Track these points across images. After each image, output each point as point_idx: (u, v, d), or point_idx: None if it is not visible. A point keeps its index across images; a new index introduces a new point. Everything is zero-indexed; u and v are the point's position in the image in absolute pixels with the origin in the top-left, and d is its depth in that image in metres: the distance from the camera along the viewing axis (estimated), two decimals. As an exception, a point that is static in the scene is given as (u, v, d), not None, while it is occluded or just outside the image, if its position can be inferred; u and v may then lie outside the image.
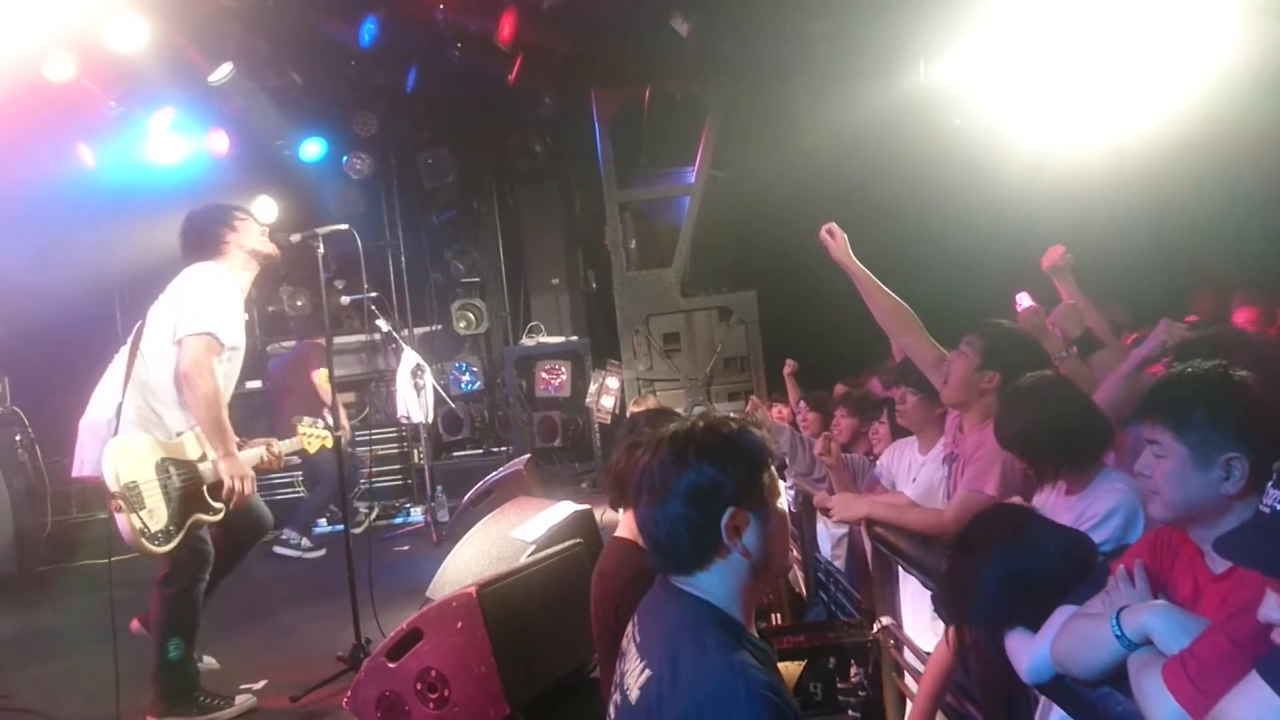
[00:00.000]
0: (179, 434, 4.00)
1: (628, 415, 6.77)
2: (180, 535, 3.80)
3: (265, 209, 8.87)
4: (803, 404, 6.42)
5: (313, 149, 8.85)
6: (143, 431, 3.88)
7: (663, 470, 1.68)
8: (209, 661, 4.29)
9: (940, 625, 3.28)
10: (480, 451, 9.04)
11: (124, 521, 3.64)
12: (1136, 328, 4.26)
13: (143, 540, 3.68)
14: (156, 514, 3.74)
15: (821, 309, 8.07)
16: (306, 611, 5.61)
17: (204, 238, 4.32)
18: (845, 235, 4.02)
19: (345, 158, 8.92)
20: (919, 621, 3.75)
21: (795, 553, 5.46)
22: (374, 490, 8.73)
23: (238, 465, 3.93)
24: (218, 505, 3.97)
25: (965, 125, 6.76)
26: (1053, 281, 4.15)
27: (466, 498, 6.65)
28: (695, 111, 8.29)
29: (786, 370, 7.07)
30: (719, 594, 1.69)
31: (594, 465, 8.69)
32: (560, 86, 8.74)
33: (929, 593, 3.40)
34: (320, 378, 7.12)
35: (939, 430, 3.91)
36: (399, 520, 8.13)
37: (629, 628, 1.85)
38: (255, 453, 4.18)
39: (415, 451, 8.88)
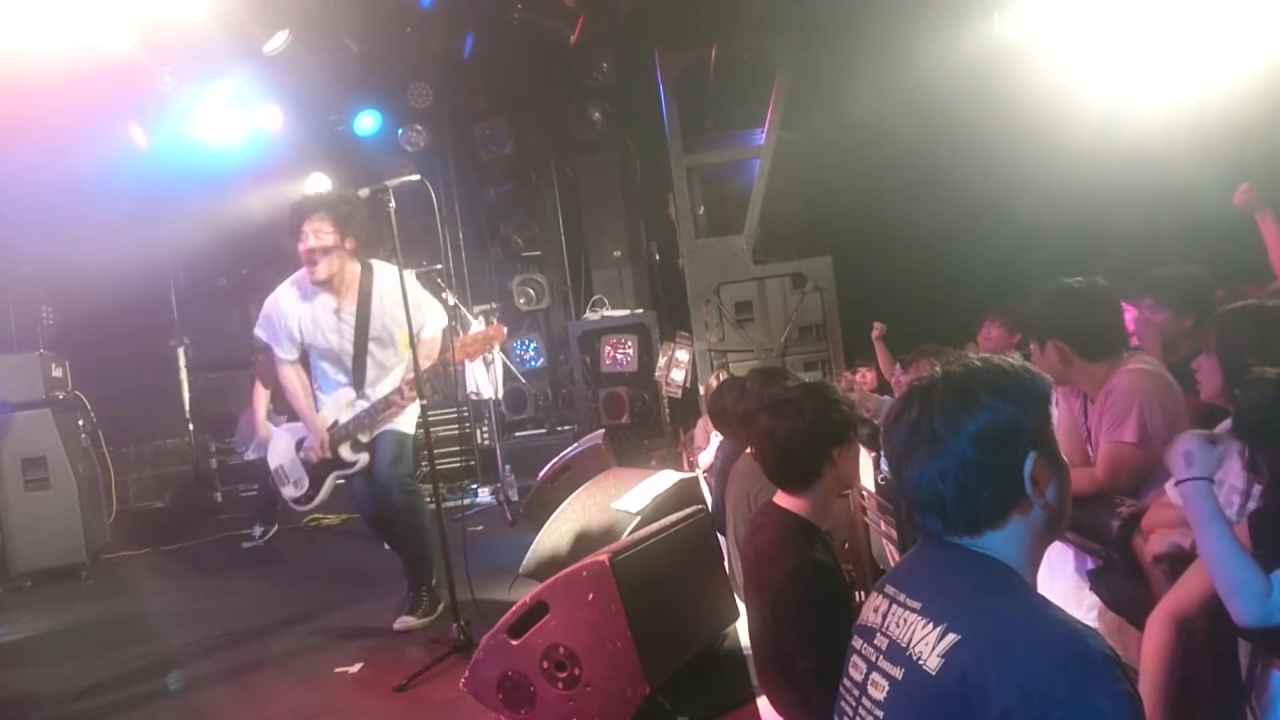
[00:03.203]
0: None
1: (708, 389, 6.49)
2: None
3: (319, 186, 8.66)
4: (898, 367, 6.11)
5: (367, 122, 8.62)
6: None
7: (946, 415, 1.44)
8: None
9: (1087, 597, 2.97)
10: (544, 430, 8.77)
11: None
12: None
13: None
14: None
15: (900, 272, 7.78)
16: (388, 595, 5.36)
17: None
18: None
19: (400, 131, 8.67)
20: (1055, 591, 3.42)
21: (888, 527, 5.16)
22: (438, 472, 8.49)
23: None
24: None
25: (1038, 81, 6.42)
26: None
27: (542, 474, 6.39)
28: (763, 71, 7.94)
29: (875, 333, 6.76)
30: (1014, 556, 1.46)
31: (664, 441, 8.41)
32: (619, 51, 8.44)
33: (1070, 564, 3.09)
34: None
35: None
36: (465, 500, 7.88)
37: (875, 600, 1.59)
38: None
39: (478, 431, 8.65)
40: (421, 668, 3.78)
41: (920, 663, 1.37)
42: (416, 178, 4.32)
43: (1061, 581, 3.26)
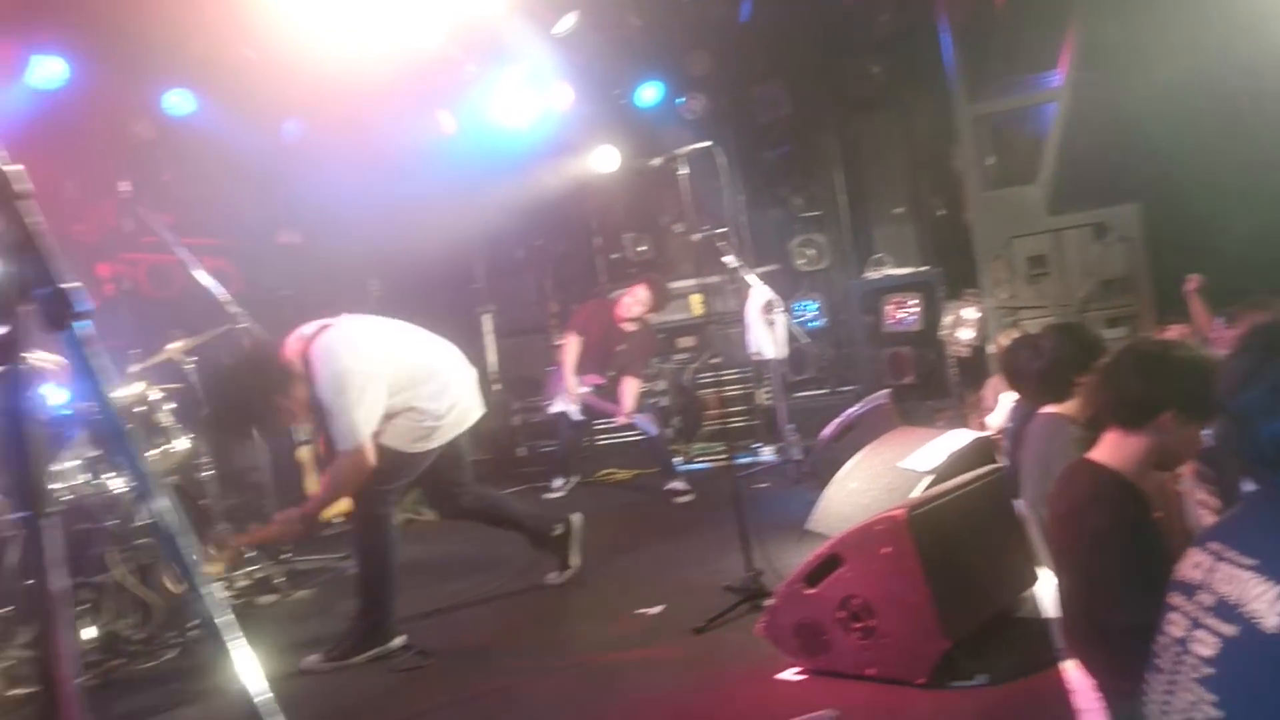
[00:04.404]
0: None
1: (999, 348, 6.23)
2: None
3: (607, 158, 9.09)
4: (1219, 321, 5.58)
5: (649, 94, 8.91)
6: None
7: None
8: None
9: None
10: (825, 391, 8.76)
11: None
12: None
13: None
14: None
15: (1216, 221, 7.03)
16: (680, 545, 5.64)
17: None
18: None
19: (680, 99, 8.90)
20: None
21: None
22: (718, 432, 8.74)
23: None
24: None
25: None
26: None
27: (826, 432, 6.42)
28: (1058, 6, 7.41)
29: (1190, 286, 6.20)
30: None
31: (949, 402, 8.15)
32: (899, 0, 8.18)
33: None
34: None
35: None
36: (749, 460, 8.05)
37: (1195, 555, 1.53)
38: None
39: (759, 391, 8.78)
40: (718, 613, 3.97)
41: (1256, 621, 1.32)
42: (708, 144, 4.46)
43: None
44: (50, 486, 4.57)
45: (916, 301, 8.35)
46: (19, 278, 0.94)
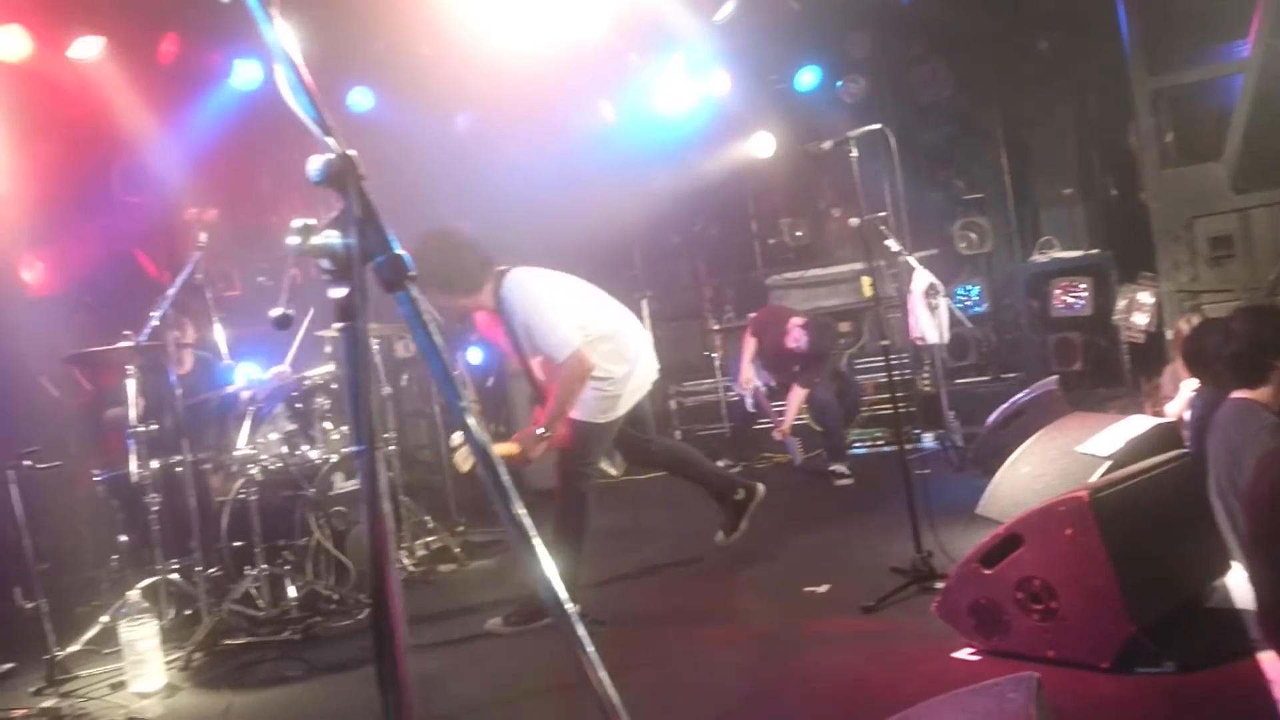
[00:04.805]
0: None
1: (1178, 333, 5.97)
2: None
3: (763, 144, 9.13)
4: None
5: (807, 78, 8.90)
6: None
7: None
8: None
9: None
10: (988, 377, 8.58)
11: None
12: None
13: None
14: None
15: None
16: (844, 527, 5.68)
17: None
18: None
19: (839, 82, 8.84)
20: None
21: None
22: (876, 418, 8.69)
23: None
24: None
25: None
26: None
27: (992, 418, 6.34)
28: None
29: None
30: None
31: (1122, 390, 7.84)
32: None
33: None
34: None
35: None
36: (907, 447, 7.97)
37: None
38: None
39: (918, 378, 8.67)
40: (889, 592, 4.01)
41: None
42: (876, 126, 4.46)
43: None
44: (262, 455, 5.01)
45: (1086, 286, 8.08)
46: (360, 247, 1.12)
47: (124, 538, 4.99)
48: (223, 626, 4.60)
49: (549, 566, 1.24)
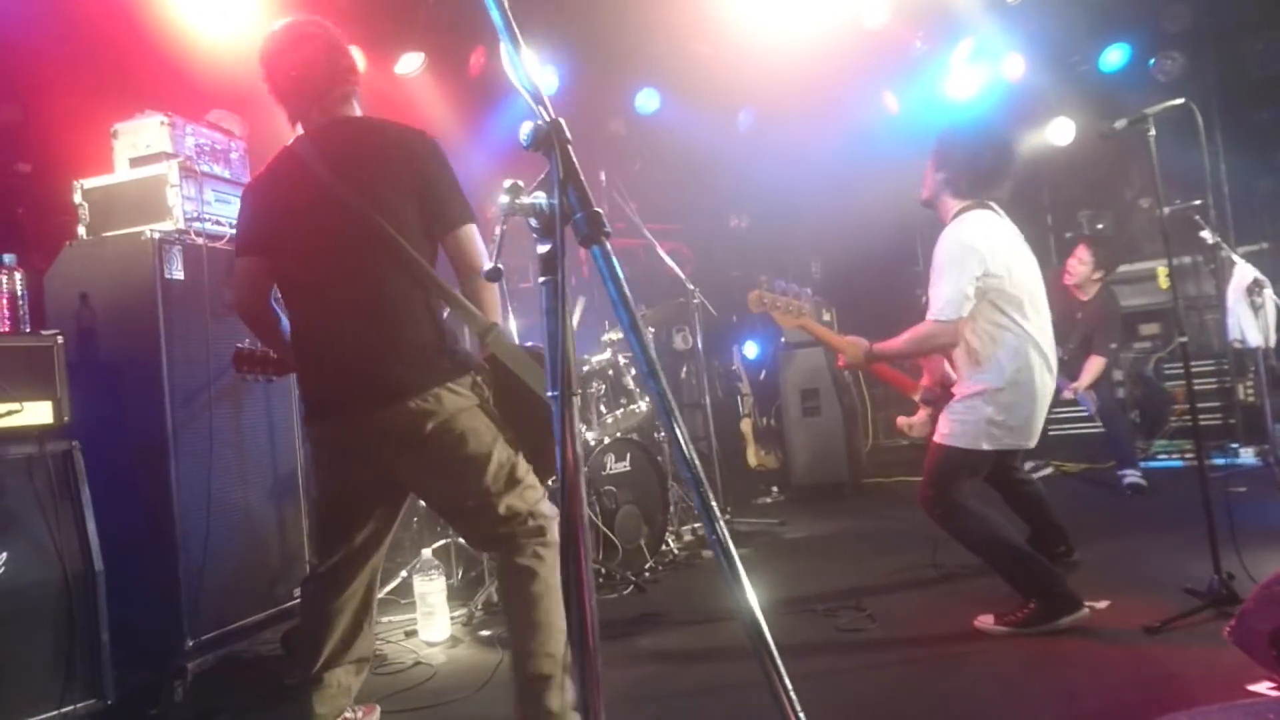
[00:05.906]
0: None
1: None
2: None
3: (1062, 131, 8.54)
4: None
5: (1114, 57, 8.20)
6: None
7: None
8: None
9: None
10: (1324, 388, 7.49)
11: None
12: None
13: None
14: None
15: None
16: (1134, 542, 5.22)
17: None
18: None
19: (1152, 60, 8.07)
20: None
21: None
22: (1186, 429, 7.84)
23: None
24: None
25: None
26: None
27: (1327, 434, 5.55)
28: None
29: None
30: None
31: None
32: None
33: None
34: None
35: None
36: (1222, 461, 7.16)
37: None
38: None
39: (1241, 386, 7.75)
40: (1178, 614, 3.64)
41: None
42: (1180, 101, 4.05)
43: None
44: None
45: None
46: (564, 205, 1.21)
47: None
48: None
49: (749, 591, 1.25)
